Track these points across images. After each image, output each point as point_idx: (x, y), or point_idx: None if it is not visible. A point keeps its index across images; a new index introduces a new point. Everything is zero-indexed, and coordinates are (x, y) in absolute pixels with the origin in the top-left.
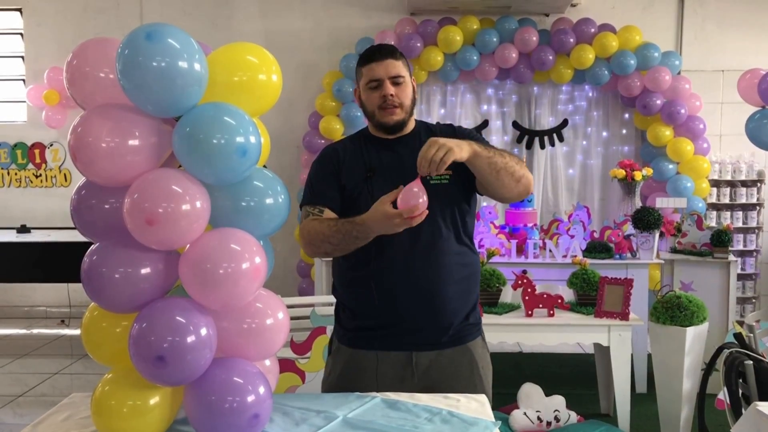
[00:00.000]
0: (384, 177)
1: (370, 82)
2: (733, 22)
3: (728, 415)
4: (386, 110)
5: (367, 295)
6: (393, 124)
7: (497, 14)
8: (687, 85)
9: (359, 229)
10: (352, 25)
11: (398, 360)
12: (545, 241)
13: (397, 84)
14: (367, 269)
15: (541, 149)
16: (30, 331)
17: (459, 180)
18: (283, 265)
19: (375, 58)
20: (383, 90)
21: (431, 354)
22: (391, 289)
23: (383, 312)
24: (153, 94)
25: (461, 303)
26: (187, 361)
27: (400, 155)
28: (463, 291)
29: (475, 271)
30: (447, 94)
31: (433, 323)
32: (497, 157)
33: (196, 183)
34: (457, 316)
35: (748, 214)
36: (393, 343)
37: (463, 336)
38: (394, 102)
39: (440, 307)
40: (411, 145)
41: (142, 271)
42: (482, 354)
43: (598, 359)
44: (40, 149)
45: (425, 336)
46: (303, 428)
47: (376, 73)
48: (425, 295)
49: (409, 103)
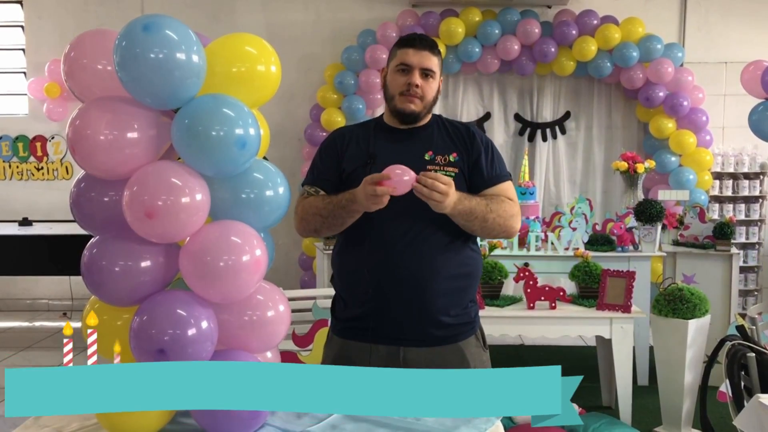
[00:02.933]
0: (383, 165)
1: (400, 65)
2: (736, 13)
3: (730, 407)
4: (406, 97)
5: (360, 283)
6: (408, 112)
7: (499, 6)
8: (690, 77)
9: (347, 198)
10: (354, 17)
11: (386, 354)
12: (547, 233)
13: (425, 76)
14: (362, 257)
15: (543, 141)
16: (32, 323)
17: (463, 178)
18: (285, 258)
19: (414, 45)
20: (411, 77)
21: (420, 350)
22: (380, 279)
23: (373, 302)
24: (151, 86)
25: (452, 300)
26: (188, 354)
27: (406, 146)
28: (456, 289)
29: (472, 271)
30: (449, 86)
31: (420, 318)
32: (482, 217)
33: (196, 175)
34: (446, 313)
35: (751, 207)
36: (380, 335)
37: (454, 334)
38: (417, 93)
39: (428, 302)
40: (420, 138)
41: (142, 264)
42: (476, 353)
43: (600, 352)
44: (41, 142)
45: (412, 331)
46: (305, 420)
47: (410, 59)
48: (414, 289)
49: (430, 99)
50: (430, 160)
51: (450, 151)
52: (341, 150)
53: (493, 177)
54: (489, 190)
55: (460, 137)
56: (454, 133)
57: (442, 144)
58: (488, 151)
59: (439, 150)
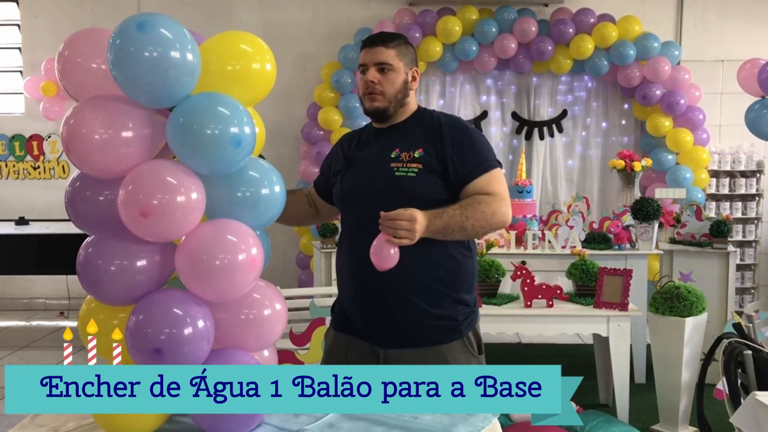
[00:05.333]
0: (354, 169)
1: (360, 67)
2: (733, 11)
3: (727, 405)
4: (368, 96)
5: (342, 282)
6: (373, 110)
7: (496, 4)
8: (686, 75)
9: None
10: (351, 16)
11: (367, 352)
12: (544, 231)
13: (382, 71)
14: (344, 256)
15: (540, 140)
16: (29, 323)
17: (430, 172)
18: (283, 256)
19: (366, 45)
20: (367, 75)
21: (402, 352)
22: (357, 279)
23: (353, 301)
24: (145, 84)
25: (428, 300)
26: (185, 353)
27: (380, 146)
28: (431, 289)
29: (455, 272)
30: (446, 84)
31: (396, 318)
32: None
33: (191, 174)
34: (421, 313)
35: (748, 205)
36: (362, 333)
37: (434, 337)
38: (375, 89)
39: (402, 302)
40: (393, 136)
41: (138, 264)
42: (462, 358)
43: (597, 350)
44: (38, 141)
45: (388, 331)
46: (302, 419)
47: (364, 57)
48: (387, 289)
49: (393, 92)
50: (395, 158)
51: (416, 147)
52: (333, 157)
53: (466, 175)
54: (466, 188)
55: (431, 130)
56: (428, 127)
57: (410, 140)
58: (462, 143)
59: (404, 147)
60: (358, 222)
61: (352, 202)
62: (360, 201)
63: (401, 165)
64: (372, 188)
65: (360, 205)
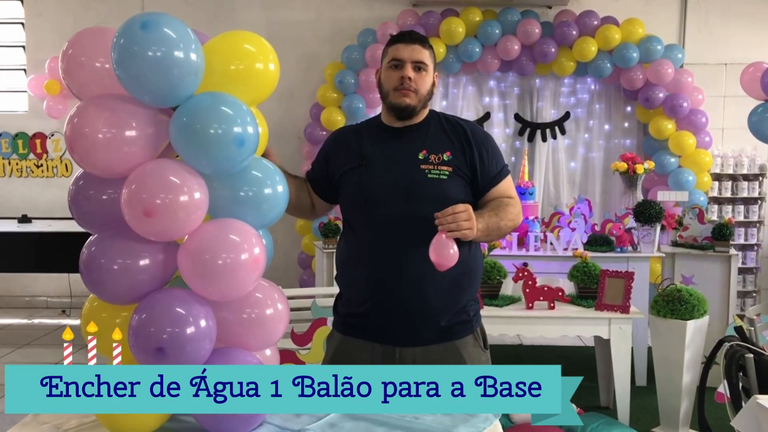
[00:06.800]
0: (376, 166)
1: (392, 61)
2: (736, 15)
3: (728, 408)
4: (401, 91)
5: (358, 283)
6: (404, 106)
7: (500, 6)
8: (689, 78)
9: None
10: (354, 16)
11: (382, 352)
12: (546, 233)
13: (418, 70)
14: (361, 257)
15: (543, 142)
16: (31, 321)
17: (458, 176)
18: (284, 256)
19: (404, 40)
20: (403, 71)
21: (417, 350)
22: (377, 280)
23: (370, 302)
24: (149, 84)
25: (449, 301)
26: (187, 352)
27: (400, 145)
28: (453, 289)
29: (470, 270)
30: (449, 86)
31: (416, 319)
32: (496, 228)
33: (194, 173)
34: (443, 314)
35: (750, 208)
36: (377, 335)
37: (450, 333)
38: (411, 86)
39: (424, 303)
40: (414, 136)
41: (141, 263)
42: (473, 353)
43: (599, 352)
44: (41, 139)
45: (408, 331)
46: (303, 419)
47: (401, 53)
48: (410, 290)
49: (425, 92)
50: (423, 159)
51: (444, 149)
52: (332, 151)
53: (491, 180)
54: (490, 192)
55: (457, 135)
56: (451, 131)
57: (437, 142)
58: (486, 150)
59: (432, 149)
60: (382, 223)
61: (375, 203)
62: (386, 201)
63: (432, 167)
64: (401, 189)
65: (387, 205)
